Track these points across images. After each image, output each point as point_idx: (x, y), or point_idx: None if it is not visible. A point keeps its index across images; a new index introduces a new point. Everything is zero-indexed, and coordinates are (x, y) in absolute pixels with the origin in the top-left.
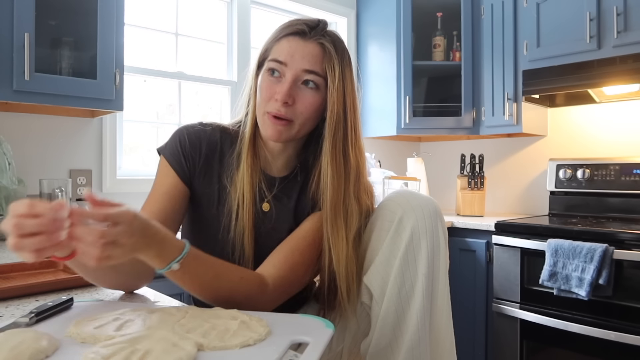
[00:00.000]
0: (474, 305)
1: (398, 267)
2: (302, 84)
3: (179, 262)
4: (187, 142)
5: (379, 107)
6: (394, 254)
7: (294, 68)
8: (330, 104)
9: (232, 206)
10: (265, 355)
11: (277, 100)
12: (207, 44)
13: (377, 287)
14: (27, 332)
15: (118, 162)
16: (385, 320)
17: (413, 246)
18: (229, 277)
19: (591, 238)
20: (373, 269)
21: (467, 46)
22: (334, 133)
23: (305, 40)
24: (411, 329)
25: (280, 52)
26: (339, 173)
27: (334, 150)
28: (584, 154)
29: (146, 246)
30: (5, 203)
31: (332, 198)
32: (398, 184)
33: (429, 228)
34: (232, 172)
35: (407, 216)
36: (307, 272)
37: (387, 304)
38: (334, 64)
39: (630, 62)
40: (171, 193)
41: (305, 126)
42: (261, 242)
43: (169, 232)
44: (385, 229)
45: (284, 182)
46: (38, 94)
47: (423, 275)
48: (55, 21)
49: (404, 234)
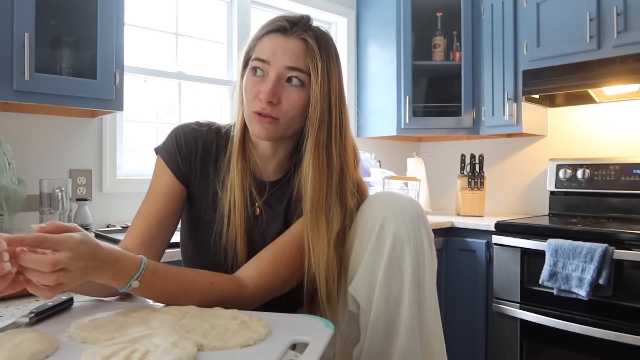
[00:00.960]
0: (474, 305)
1: (383, 276)
2: (287, 81)
3: (138, 279)
4: (183, 142)
5: (379, 107)
6: (377, 263)
7: (277, 66)
8: (313, 101)
9: (224, 211)
10: (265, 355)
11: (261, 100)
12: (207, 44)
13: (363, 296)
14: (27, 332)
15: (118, 162)
16: (375, 330)
17: (397, 253)
18: (197, 284)
19: (591, 238)
20: (358, 279)
21: (467, 46)
22: (317, 131)
23: (287, 37)
24: (402, 337)
25: (262, 50)
26: (321, 172)
27: (317, 149)
28: (584, 154)
29: (98, 270)
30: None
31: (313, 198)
32: (398, 184)
33: (411, 233)
34: (224, 176)
35: (388, 223)
36: (292, 274)
37: (375, 313)
38: (317, 59)
39: (630, 62)
40: (169, 193)
41: (292, 124)
42: (254, 246)
43: (123, 253)
44: (366, 236)
45: (275, 187)
46: (38, 94)
47: (409, 283)
48: (55, 21)
49: (386, 241)
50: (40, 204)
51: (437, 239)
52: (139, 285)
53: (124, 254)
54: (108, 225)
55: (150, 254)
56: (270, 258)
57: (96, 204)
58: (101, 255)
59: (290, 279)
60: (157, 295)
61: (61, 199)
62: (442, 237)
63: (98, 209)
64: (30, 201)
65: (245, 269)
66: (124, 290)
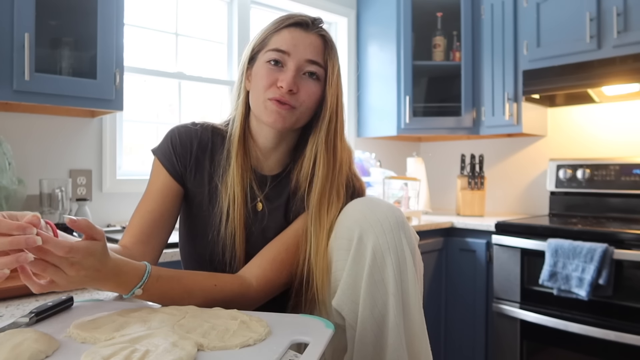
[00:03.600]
0: (474, 305)
1: (366, 289)
2: (304, 74)
3: (141, 287)
4: (178, 142)
5: (379, 107)
6: (359, 275)
7: (297, 57)
8: (330, 95)
9: (223, 206)
10: (265, 355)
11: (281, 88)
12: (207, 44)
13: (348, 311)
14: (27, 332)
15: (118, 162)
16: (363, 342)
17: (378, 266)
18: (201, 287)
19: (591, 238)
20: (341, 294)
21: (467, 46)
22: (328, 124)
23: (307, 32)
24: (390, 348)
25: (282, 42)
26: (329, 165)
27: (327, 142)
28: (584, 154)
29: (100, 280)
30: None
31: (321, 189)
32: (398, 184)
33: (391, 244)
34: (223, 171)
35: (367, 235)
36: (294, 271)
37: (361, 325)
38: (333, 56)
39: (630, 62)
40: (164, 192)
41: (304, 115)
42: (252, 241)
43: (127, 263)
44: (345, 248)
45: (276, 181)
46: (38, 94)
47: (392, 295)
48: (55, 21)
49: (366, 253)
50: (40, 204)
51: (437, 239)
52: (141, 293)
53: (127, 264)
54: (108, 225)
55: (148, 251)
56: (274, 256)
57: (96, 204)
58: (106, 267)
59: (292, 276)
60: (161, 300)
61: (61, 199)
62: (442, 237)
63: (98, 209)
64: (31, 201)
65: (248, 268)
66: (127, 297)
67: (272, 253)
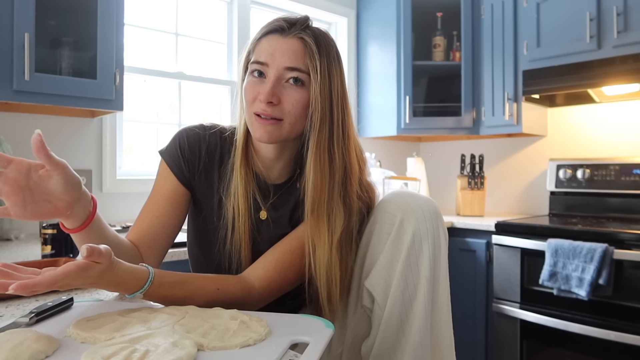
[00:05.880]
0: (474, 305)
1: (400, 271)
2: (287, 82)
3: (142, 293)
4: (186, 146)
5: (379, 107)
6: (396, 257)
7: (276, 67)
8: (314, 100)
9: (228, 218)
10: (265, 355)
11: (261, 101)
12: (207, 44)
13: (380, 290)
14: (27, 332)
15: (118, 162)
16: (388, 323)
17: (415, 249)
18: (204, 291)
19: (591, 238)
20: (375, 273)
21: (467, 46)
22: (319, 131)
23: (285, 37)
24: (415, 330)
25: (260, 52)
26: (323, 174)
27: (318, 150)
28: (584, 154)
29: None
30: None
31: (314, 199)
32: (398, 184)
33: (430, 230)
34: (228, 183)
35: (408, 219)
36: (298, 273)
37: (390, 307)
38: (316, 59)
39: (630, 62)
40: (172, 197)
41: (296, 125)
42: (260, 250)
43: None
44: (385, 232)
45: (281, 190)
46: (38, 94)
47: (425, 278)
48: (55, 21)
49: (405, 236)
50: None
51: None
52: (142, 297)
53: (129, 273)
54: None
55: (153, 255)
56: (277, 258)
57: None
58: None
59: (296, 279)
60: (164, 303)
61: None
62: None
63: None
64: None
65: (252, 270)
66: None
67: (275, 255)
